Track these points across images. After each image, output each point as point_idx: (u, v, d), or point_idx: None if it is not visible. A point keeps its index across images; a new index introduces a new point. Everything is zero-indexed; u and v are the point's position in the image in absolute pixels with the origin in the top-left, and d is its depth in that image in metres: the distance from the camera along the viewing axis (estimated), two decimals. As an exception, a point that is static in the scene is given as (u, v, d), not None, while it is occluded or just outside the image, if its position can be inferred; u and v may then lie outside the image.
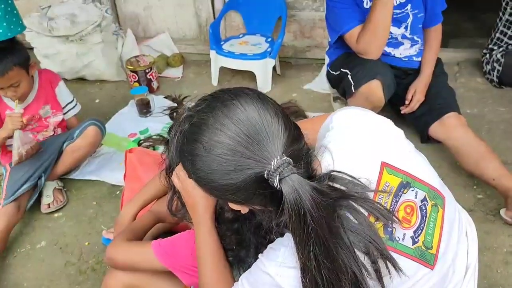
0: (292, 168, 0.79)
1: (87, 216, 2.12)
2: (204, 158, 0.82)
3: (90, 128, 2.17)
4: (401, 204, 0.92)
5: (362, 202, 0.85)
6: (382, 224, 0.88)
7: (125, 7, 3.50)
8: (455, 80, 2.91)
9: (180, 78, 3.28)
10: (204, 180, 0.84)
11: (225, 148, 0.80)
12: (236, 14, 3.23)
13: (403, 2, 2.09)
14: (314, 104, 2.80)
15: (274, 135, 0.80)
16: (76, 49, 3.07)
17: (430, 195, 0.96)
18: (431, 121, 2.11)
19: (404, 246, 0.91)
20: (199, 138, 0.82)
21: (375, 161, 0.93)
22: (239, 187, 0.81)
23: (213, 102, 0.86)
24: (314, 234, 0.79)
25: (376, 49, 1.98)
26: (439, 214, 0.97)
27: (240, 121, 0.80)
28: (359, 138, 0.97)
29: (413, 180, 0.95)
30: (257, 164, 0.79)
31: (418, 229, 0.93)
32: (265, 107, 0.83)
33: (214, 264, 1.10)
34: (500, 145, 2.28)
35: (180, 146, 0.89)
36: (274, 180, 0.78)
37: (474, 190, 2.04)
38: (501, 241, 1.77)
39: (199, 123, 0.84)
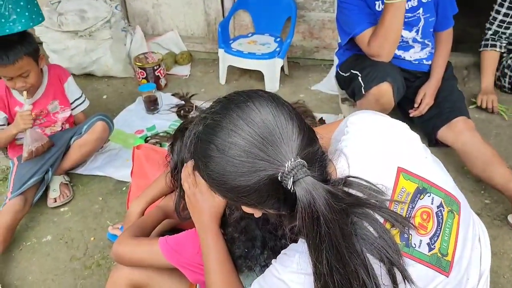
0: (307, 170, 0.79)
1: (93, 211, 2.12)
2: (217, 159, 0.81)
3: (98, 124, 2.17)
4: (418, 210, 0.91)
5: (378, 210, 0.84)
6: (398, 231, 0.87)
7: (134, 4, 3.50)
8: (464, 84, 2.91)
9: (187, 76, 3.28)
10: (218, 181, 0.84)
11: (239, 150, 0.79)
12: (245, 13, 3.23)
13: (415, 6, 2.08)
14: (322, 105, 2.80)
15: (288, 137, 0.80)
16: (84, 44, 3.08)
17: (446, 201, 0.96)
18: (439, 124, 2.10)
19: (420, 253, 0.90)
20: (213, 140, 0.82)
21: (391, 166, 0.92)
22: (253, 189, 0.80)
23: (228, 104, 0.85)
24: (327, 238, 0.78)
25: (388, 52, 1.98)
26: (455, 220, 0.96)
27: (254, 123, 0.80)
28: (375, 143, 0.96)
29: (429, 186, 0.94)
30: (270, 166, 0.78)
31: (434, 236, 0.92)
32: (280, 109, 0.83)
33: (223, 271, 1.10)
34: (508, 150, 2.27)
35: (193, 148, 0.88)
36: (288, 182, 0.78)
37: (482, 195, 2.03)
38: (508, 246, 1.77)
39: (213, 125, 0.83)
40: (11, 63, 1.89)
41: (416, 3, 2.08)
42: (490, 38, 2.59)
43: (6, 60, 1.88)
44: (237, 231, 1.13)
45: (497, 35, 2.55)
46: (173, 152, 1.26)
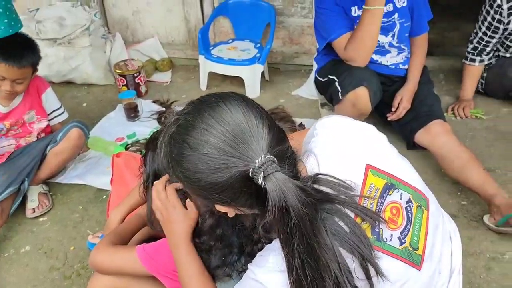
0: (276, 166, 0.81)
1: (73, 220, 2.10)
2: (191, 157, 0.83)
3: (73, 131, 2.16)
4: (387, 205, 0.94)
5: (347, 205, 0.86)
6: (369, 225, 0.90)
7: (114, 11, 3.49)
8: (441, 87, 2.96)
9: (168, 82, 3.28)
10: (192, 179, 0.85)
11: (211, 147, 0.82)
12: (225, 19, 3.24)
13: (390, 11, 2.12)
14: (302, 110, 2.82)
15: (258, 135, 0.83)
16: (63, 52, 3.06)
17: (415, 197, 0.98)
18: (416, 128, 2.14)
19: (391, 246, 0.92)
20: (185, 139, 0.84)
21: (359, 163, 0.95)
22: (225, 185, 0.82)
23: (200, 105, 0.88)
24: (298, 231, 0.81)
25: (364, 57, 2.01)
26: (424, 215, 0.99)
27: (226, 122, 0.83)
28: (343, 142, 0.99)
29: (397, 182, 0.97)
30: (242, 162, 0.81)
31: (404, 230, 0.94)
32: (250, 109, 0.86)
33: (198, 284, 1.11)
34: (483, 152, 2.31)
35: (167, 149, 0.90)
36: (259, 178, 0.80)
37: (458, 196, 2.07)
38: (484, 247, 1.80)
39: (186, 125, 0.86)
40: (20, 66, 1.92)
41: (391, 8, 2.12)
42: (470, 52, 2.60)
43: (18, 62, 1.91)
44: (212, 239, 1.13)
45: (476, 50, 2.56)
46: (145, 163, 1.26)
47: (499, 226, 1.79)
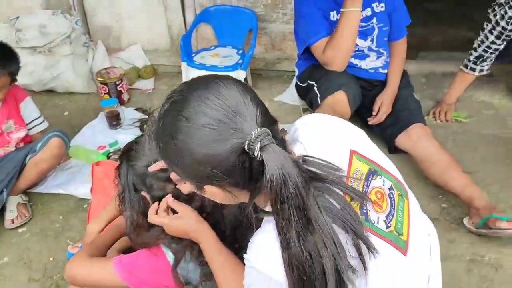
0: (271, 138, 0.82)
1: (53, 230, 2.07)
2: (186, 129, 0.82)
3: (53, 140, 2.13)
4: (372, 189, 0.96)
5: (336, 184, 0.88)
6: (357, 204, 0.91)
7: (96, 19, 3.47)
8: (422, 91, 2.98)
9: (151, 90, 3.26)
10: (186, 154, 0.84)
11: (208, 118, 0.81)
12: (207, 26, 3.24)
13: (369, 15, 2.14)
14: (285, 116, 2.82)
15: (253, 112, 0.83)
16: (44, 60, 3.03)
17: (396, 186, 1.01)
18: (397, 132, 2.15)
19: (379, 228, 0.93)
20: (182, 111, 0.83)
21: (344, 149, 0.97)
22: (220, 159, 0.82)
23: (194, 83, 0.89)
24: (294, 203, 0.81)
25: (341, 61, 2.02)
26: (405, 204, 1.01)
27: (223, 95, 0.83)
28: (327, 131, 1.02)
29: (379, 169, 0.99)
30: (238, 134, 0.81)
31: (389, 215, 0.96)
32: (246, 89, 0.87)
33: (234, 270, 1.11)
34: (464, 155, 2.33)
35: (158, 127, 0.89)
36: (255, 148, 0.80)
37: (440, 199, 2.08)
38: (464, 249, 1.81)
39: (181, 100, 0.85)
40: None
41: (370, 13, 2.14)
42: (473, 60, 2.48)
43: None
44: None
45: (480, 58, 2.45)
46: (120, 174, 1.25)
47: (479, 228, 1.80)
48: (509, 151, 2.34)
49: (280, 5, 3.05)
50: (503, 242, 1.80)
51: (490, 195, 2.03)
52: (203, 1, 3.16)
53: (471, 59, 2.48)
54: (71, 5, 3.33)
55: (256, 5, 3.09)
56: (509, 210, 1.97)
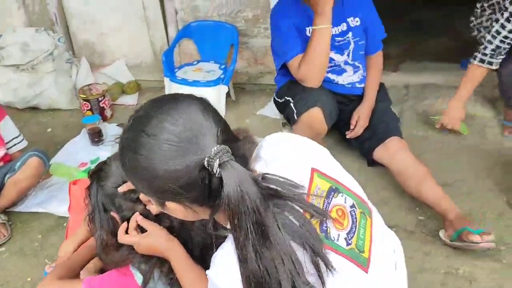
0: (231, 155, 0.83)
1: (32, 249, 2.07)
2: (148, 144, 0.84)
3: (31, 160, 2.14)
4: (333, 206, 0.96)
5: (296, 201, 0.89)
6: (318, 221, 0.92)
7: (79, 35, 3.49)
8: (404, 103, 3.00)
9: (135, 105, 3.27)
10: (147, 169, 0.85)
11: (169, 134, 0.83)
12: (190, 41, 3.27)
13: (345, 30, 2.17)
14: (267, 129, 2.83)
15: (214, 128, 0.85)
16: (28, 78, 3.05)
17: (358, 203, 1.02)
18: (374, 145, 2.17)
19: (339, 246, 0.93)
20: (144, 127, 0.85)
21: (305, 166, 0.99)
22: (180, 175, 0.83)
23: (157, 100, 0.91)
24: (252, 220, 0.82)
25: (316, 77, 2.04)
26: (368, 222, 1.02)
27: (183, 112, 0.85)
28: (289, 149, 1.03)
29: (341, 187, 1.00)
30: (198, 150, 0.83)
31: (350, 232, 0.97)
32: (208, 107, 0.89)
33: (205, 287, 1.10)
34: (443, 166, 2.35)
35: (122, 142, 0.91)
36: (214, 165, 0.82)
37: (417, 211, 2.09)
38: (440, 262, 1.82)
39: (144, 116, 0.88)
40: None
41: (345, 28, 2.16)
42: (489, 53, 2.30)
43: None
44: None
45: (497, 51, 2.29)
46: (90, 194, 1.25)
47: (453, 241, 1.81)
48: (486, 162, 2.36)
49: (261, 20, 3.08)
50: (477, 255, 1.81)
51: (465, 206, 2.05)
52: (185, 16, 3.19)
53: (487, 52, 2.31)
54: (54, 22, 3.36)
55: (237, 20, 3.12)
56: (483, 222, 1.97)
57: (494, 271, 1.75)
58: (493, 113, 2.82)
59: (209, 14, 3.14)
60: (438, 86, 3.12)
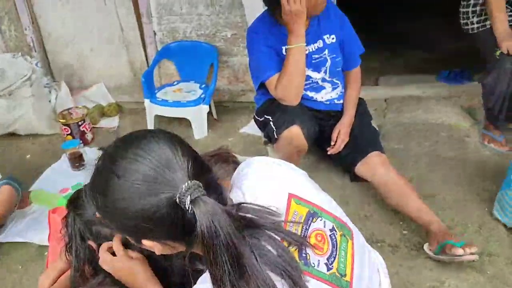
0: (203, 190, 0.83)
1: (11, 281, 2.02)
2: (118, 186, 0.83)
3: (3, 188, 2.11)
4: (312, 231, 0.96)
5: (274, 230, 0.88)
6: (296, 249, 0.91)
7: (57, 59, 3.47)
8: (384, 116, 3.03)
9: (116, 128, 3.25)
10: (118, 209, 0.85)
11: (138, 174, 0.82)
12: (169, 62, 3.27)
13: (321, 47, 2.18)
14: (249, 147, 2.84)
15: (184, 164, 0.84)
16: (5, 104, 3.00)
17: (337, 226, 1.01)
18: (355, 160, 2.17)
19: (319, 272, 0.93)
20: (113, 169, 0.84)
21: (282, 193, 0.98)
22: (152, 213, 0.82)
23: (126, 139, 0.90)
24: (227, 254, 0.81)
25: (293, 95, 2.05)
26: (349, 244, 1.01)
27: (152, 151, 0.84)
28: (266, 176, 1.03)
29: (319, 211, 1.00)
30: (168, 188, 0.82)
31: (331, 257, 0.96)
32: (176, 142, 0.88)
33: None
34: (425, 178, 2.37)
35: (92, 182, 0.90)
36: (186, 201, 0.80)
37: (400, 225, 2.09)
38: (424, 276, 1.81)
39: (112, 155, 0.87)
40: None
41: (321, 45, 2.18)
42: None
43: None
44: None
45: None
46: (67, 224, 1.23)
47: (437, 255, 1.82)
48: (466, 172, 2.39)
49: (240, 39, 3.10)
50: (462, 267, 1.81)
51: (447, 217, 2.06)
52: (163, 37, 3.19)
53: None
54: (31, 47, 3.34)
55: (216, 39, 3.13)
56: (465, 233, 1.99)
57: (479, 283, 1.75)
58: (471, 123, 2.86)
59: (188, 35, 3.15)
60: (417, 98, 3.18)
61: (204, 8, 3.04)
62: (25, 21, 3.26)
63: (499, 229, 2.00)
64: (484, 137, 2.64)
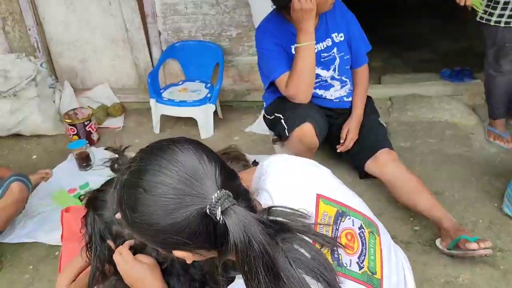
0: (233, 200, 0.81)
1: (23, 282, 2.01)
2: (145, 200, 0.82)
3: (13, 185, 2.09)
4: (342, 231, 0.96)
5: (305, 233, 0.88)
6: (328, 251, 0.91)
7: (61, 60, 3.46)
8: (388, 115, 3.05)
9: (121, 128, 3.24)
10: (148, 224, 0.83)
11: (166, 188, 0.81)
12: (174, 61, 3.27)
13: (330, 45, 2.19)
14: (256, 146, 2.84)
15: (211, 172, 0.83)
16: (9, 105, 2.99)
17: (365, 223, 1.02)
18: (365, 158, 2.19)
19: (352, 271, 0.93)
20: (139, 183, 0.83)
21: (310, 193, 0.98)
22: (183, 226, 0.81)
23: (151, 150, 0.88)
24: (262, 262, 0.80)
25: (304, 93, 2.05)
26: (376, 241, 1.02)
27: (178, 162, 0.83)
28: (293, 176, 1.02)
29: (347, 209, 1.00)
30: (198, 199, 0.81)
31: (361, 255, 0.97)
32: (201, 149, 0.87)
33: None
34: (432, 176, 2.38)
35: (119, 197, 0.88)
36: (217, 213, 0.79)
37: (411, 222, 2.11)
38: (438, 271, 1.83)
39: (138, 170, 0.85)
40: None
41: (330, 43, 2.19)
42: None
43: None
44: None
45: None
46: (86, 223, 1.23)
47: (450, 250, 1.83)
48: (473, 169, 2.41)
49: (245, 38, 3.11)
50: (476, 262, 1.83)
51: (457, 214, 2.07)
52: (168, 37, 3.19)
53: None
54: (35, 47, 3.32)
55: (221, 39, 3.13)
56: (476, 229, 2.01)
57: (493, 278, 1.77)
58: (476, 120, 2.89)
59: (193, 35, 3.15)
60: (420, 96, 3.19)
61: (209, 7, 3.04)
62: (29, 21, 3.24)
63: (510, 225, 2.02)
64: (490, 134, 2.66)
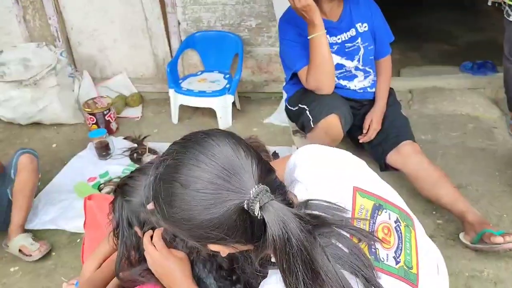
0: (270, 195, 0.80)
1: (46, 268, 2.03)
2: (182, 195, 0.81)
3: (22, 158, 2.12)
4: (378, 225, 0.95)
5: (343, 227, 0.87)
6: (366, 245, 0.90)
7: (80, 49, 3.47)
8: (409, 107, 3.02)
9: (139, 117, 3.25)
10: (185, 219, 0.83)
11: (203, 182, 0.80)
12: (193, 52, 3.26)
13: (354, 35, 2.17)
14: (275, 137, 2.83)
15: (248, 167, 0.82)
16: (30, 93, 3.01)
17: (401, 217, 1.00)
18: (387, 150, 2.17)
19: (389, 266, 0.92)
20: (175, 177, 0.82)
21: (346, 186, 0.96)
22: (221, 221, 0.80)
23: (186, 143, 0.87)
24: (300, 258, 0.79)
25: (325, 84, 2.03)
26: (412, 234, 1.01)
27: (215, 155, 0.82)
28: (327, 168, 1.01)
29: (384, 203, 0.98)
30: (236, 195, 0.79)
31: (397, 249, 0.95)
32: (237, 142, 0.86)
33: None
34: (454, 169, 2.36)
35: (155, 192, 0.87)
36: (255, 208, 0.78)
37: (434, 215, 2.09)
38: (463, 265, 1.81)
39: (174, 164, 0.84)
40: None
41: (354, 33, 2.17)
42: None
43: None
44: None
45: None
46: (114, 210, 1.23)
47: (475, 244, 1.81)
48: (496, 163, 2.38)
49: (264, 29, 3.09)
50: (500, 256, 1.81)
51: (481, 208, 2.05)
52: (187, 27, 3.18)
53: None
54: (55, 36, 3.34)
55: (240, 29, 3.12)
56: (500, 223, 1.99)
57: (518, 272, 1.75)
58: (498, 114, 2.85)
59: (212, 25, 3.14)
60: (441, 89, 3.16)
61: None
62: (49, 10, 3.25)
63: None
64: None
